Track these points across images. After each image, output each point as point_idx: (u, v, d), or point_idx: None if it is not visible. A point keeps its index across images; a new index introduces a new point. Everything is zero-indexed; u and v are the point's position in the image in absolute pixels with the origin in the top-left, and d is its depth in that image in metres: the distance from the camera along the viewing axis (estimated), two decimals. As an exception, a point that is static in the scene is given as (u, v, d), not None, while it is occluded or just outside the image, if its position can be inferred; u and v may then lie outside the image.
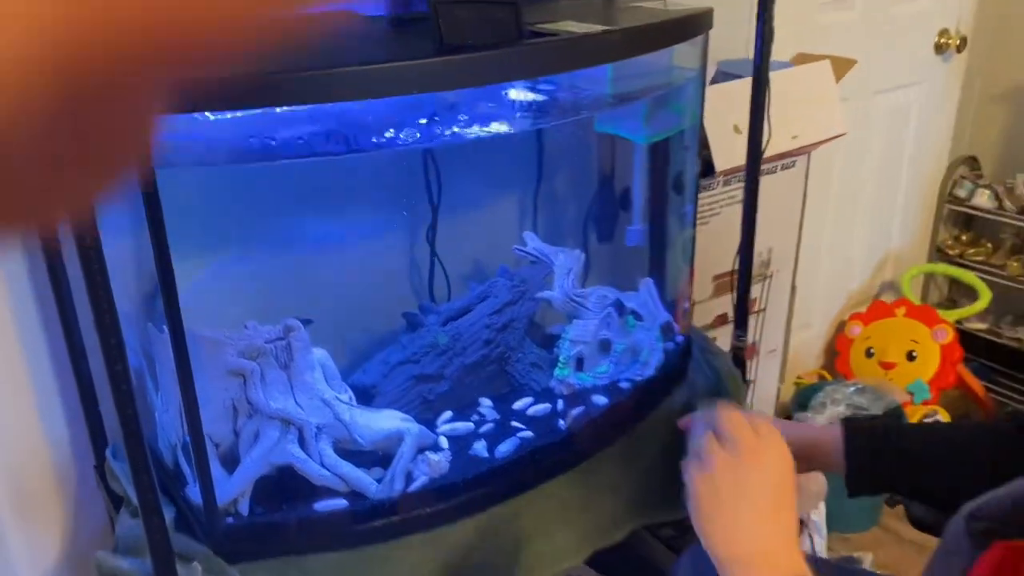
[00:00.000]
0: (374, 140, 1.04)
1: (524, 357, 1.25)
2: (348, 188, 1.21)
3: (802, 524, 1.73)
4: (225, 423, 1.05)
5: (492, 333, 1.23)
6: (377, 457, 1.08)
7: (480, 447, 1.13)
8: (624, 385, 1.27)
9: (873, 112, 2.27)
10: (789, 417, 2.05)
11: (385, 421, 1.09)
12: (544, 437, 1.16)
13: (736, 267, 1.38)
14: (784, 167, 1.84)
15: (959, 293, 2.70)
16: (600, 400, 1.24)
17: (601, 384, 1.26)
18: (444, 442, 1.14)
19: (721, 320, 1.88)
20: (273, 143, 0.96)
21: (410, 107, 1.06)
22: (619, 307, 1.27)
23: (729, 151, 1.58)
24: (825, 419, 1.96)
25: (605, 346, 1.27)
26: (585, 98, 1.16)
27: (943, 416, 2.12)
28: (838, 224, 2.29)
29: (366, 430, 1.07)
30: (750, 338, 2.05)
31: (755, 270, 2.00)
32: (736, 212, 1.82)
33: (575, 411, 1.21)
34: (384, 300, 1.28)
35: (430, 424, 1.16)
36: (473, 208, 1.36)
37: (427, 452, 1.09)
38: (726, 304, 1.86)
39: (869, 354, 2.29)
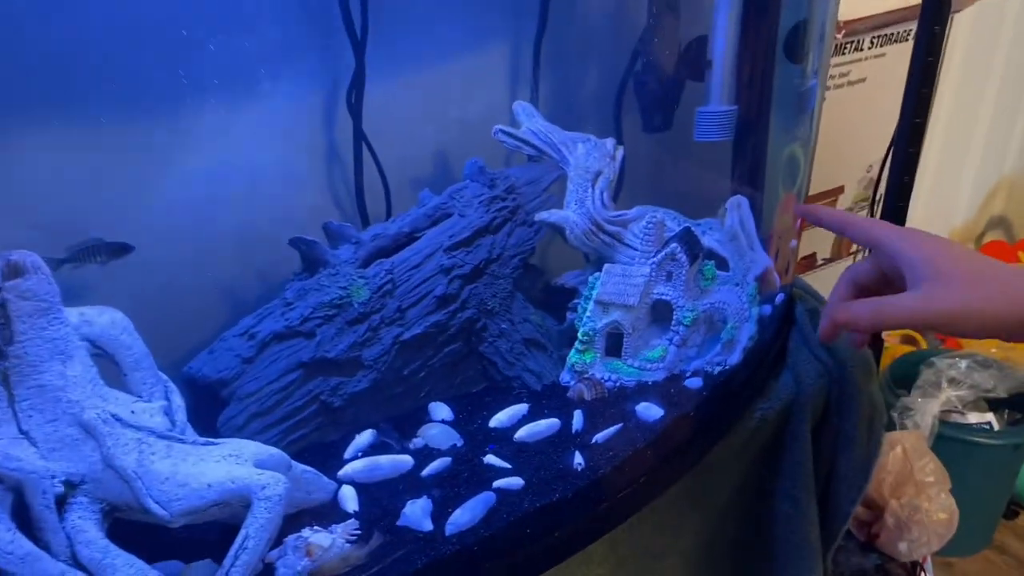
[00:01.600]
0: None
1: (512, 330, 0.68)
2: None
3: (917, 568, 1.19)
4: None
5: (453, 283, 0.65)
6: (203, 539, 0.52)
7: (420, 509, 0.57)
8: (692, 383, 0.71)
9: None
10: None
11: (215, 466, 0.52)
12: (548, 486, 0.60)
13: (875, 180, 0.80)
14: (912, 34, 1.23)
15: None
16: (651, 412, 0.68)
17: (652, 381, 0.70)
18: (350, 499, 0.58)
19: (808, 263, 1.32)
20: None
21: None
22: (688, 243, 0.69)
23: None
24: (939, 405, 1.41)
25: (662, 312, 0.70)
26: None
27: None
28: (949, 137, 1.69)
29: (173, 487, 0.51)
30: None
31: (857, 191, 1.42)
32: (847, 97, 1.23)
33: (605, 433, 0.65)
34: (257, 214, 0.69)
35: (328, 459, 0.60)
36: (427, 56, 0.76)
37: (307, 530, 0.53)
38: (817, 239, 1.29)
39: (981, 312, 1.71)
